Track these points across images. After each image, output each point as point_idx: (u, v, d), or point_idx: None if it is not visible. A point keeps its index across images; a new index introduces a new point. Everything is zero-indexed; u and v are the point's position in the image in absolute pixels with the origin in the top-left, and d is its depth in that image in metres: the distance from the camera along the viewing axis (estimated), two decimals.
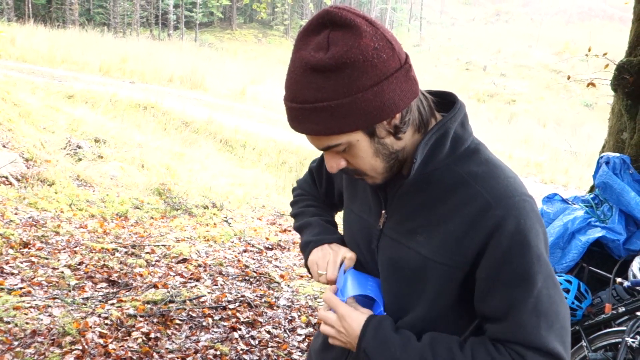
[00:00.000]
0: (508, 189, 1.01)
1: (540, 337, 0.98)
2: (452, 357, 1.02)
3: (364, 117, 0.94)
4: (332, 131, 0.95)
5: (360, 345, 1.08)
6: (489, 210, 0.99)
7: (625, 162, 3.17)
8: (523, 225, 0.99)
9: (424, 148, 1.03)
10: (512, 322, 0.99)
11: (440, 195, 1.05)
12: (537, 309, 0.98)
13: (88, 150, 7.20)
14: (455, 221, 1.02)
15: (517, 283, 0.98)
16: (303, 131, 0.98)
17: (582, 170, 14.64)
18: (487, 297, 1.02)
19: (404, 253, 1.09)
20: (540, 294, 0.99)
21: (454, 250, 1.02)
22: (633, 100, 3.35)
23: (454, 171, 1.05)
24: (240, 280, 4.63)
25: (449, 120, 1.05)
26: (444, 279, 1.05)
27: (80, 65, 15.95)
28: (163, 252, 4.91)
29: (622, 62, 3.46)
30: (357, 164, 1.04)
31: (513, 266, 0.98)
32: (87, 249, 4.62)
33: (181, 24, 44.50)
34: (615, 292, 2.94)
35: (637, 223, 3.04)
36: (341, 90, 0.91)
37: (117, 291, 4.03)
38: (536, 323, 0.98)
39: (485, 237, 0.99)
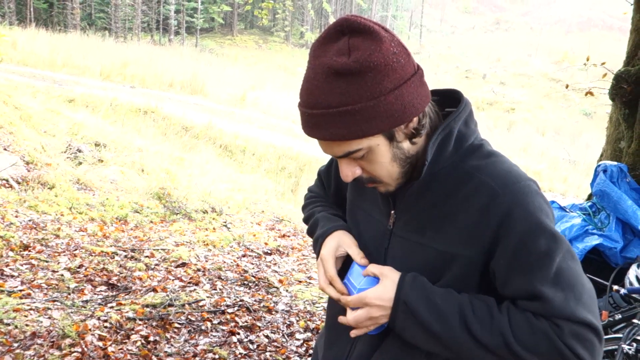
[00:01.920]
0: (511, 175, 1.04)
1: (570, 309, 0.99)
2: (490, 313, 1.02)
3: (387, 120, 0.96)
4: (357, 135, 0.96)
5: (400, 297, 1.06)
6: (497, 198, 1.02)
7: (623, 171, 3.20)
8: (532, 208, 1.01)
9: (432, 149, 1.05)
10: (540, 300, 1.00)
11: (447, 192, 1.07)
12: (561, 282, 1.00)
13: (88, 154, 7.22)
14: (465, 212, 1.04)
15: (536, 264, 1.00)
16: (326, 137, 0.98)
17: (580, 178, 14.68)
18: (509, 282, 1.03)
19: (415, 250, 1.11)
20: (561, 269, 1.00)
21: (466, 240, 1.04)
22: (631, 109, 3.38)
23: (459, 167, 1.08)
24: (239, 284, 4.65)
25: (452, 121, 1.08)
26: (460, 270, 1.06)
27: (81, 70, 16.00)
28: (162, 256, 4.93)
29: (620, 71, 3.49)
30: (374, 170, 1.05)
31: (529, 249, 1.00)
32: (87, 252, 4.63)
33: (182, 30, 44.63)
34: (612, 300, 2.95)
35: (634, 231, 3.07)
36: (365, 93, 0.93)
37: (117, 294, 4.04)
38: (562, 297, 0.99)
39: (497, 225, 1.01)
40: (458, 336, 1.02)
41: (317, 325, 4.08)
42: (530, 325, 1.00)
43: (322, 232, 1.28)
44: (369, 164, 1.04)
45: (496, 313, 1.03)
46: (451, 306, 1.03)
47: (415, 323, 1.05)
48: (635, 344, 2.59)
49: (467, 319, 1.02)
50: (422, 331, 1.05)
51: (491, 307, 1.04)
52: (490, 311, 1.03)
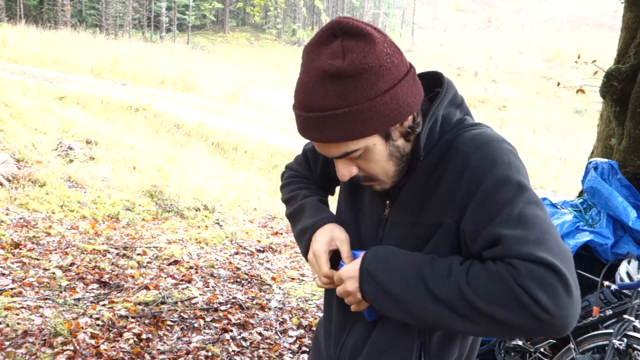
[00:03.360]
0: (482, 136, 1.06)
1: (528, 248, 0.93)
2: (450, 268, 1.00)
3: (383, 120, 0.98)
4: (354, 136, 0.98)
5: (363, 266, 1.09)
6: (467, 159, 1.03)
7: (614, 168, 3.22)
8: (499, 163, 1.01)
9: (422, 141, 1.08)
10: (500, 241, 0.96)
11: (431, 168, 1.10)
12: (522, 224, 0.95)
13: (79, 152, 7.18)
14: (444, 180, 1.07)
15: (498, 211, 0.97)
16: (323, 139, 0.99)
17: (571, 175, 14.77)
18: (476, 238, 1.00)
19: (408, 230, 1.13)
20: (524, 213, 0.96)
21: (447, 206, 1.06)
22: (621, 107, 3.40)
23: (444, 142, 1.10)
24: (231, 282, 4.64)
25: (436, 109, 1.10)
26: (445, 238, 1.08)
27: (72, 67, 15.90)
28: (155, 253, 4.91)
29: (610, 69, 3.51)
30: (370, 169, 1.07)
31: (494, 199, 0.98)
32: (79, 250, 4.61)
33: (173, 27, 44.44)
34: (603, 295, 2.98)
35: (624, 227, 3.09)
36: (360, 95, 0.94)
37: (109, 292, 4.02)
38: (521, 235, 0.94)
39: (466, 184, 1.02)
40: (419, 295, 1.00)
41: (310, 322, 4.08)
42: (487, 272, 0.95)
43: (312, 223, 1.27)
44: (366, 163, 1.06)
45: (455, 266, 1.00)
46: (412, 266, 1.03)
47: (380, 290, 1.05)
48: (626, 339, 2.62)
49: (426, 276, 1.00)
50: (388, 298, 1.04)
51: (452, 263, 1.01)
52: (450, 266, 1.00)
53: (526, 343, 3.26)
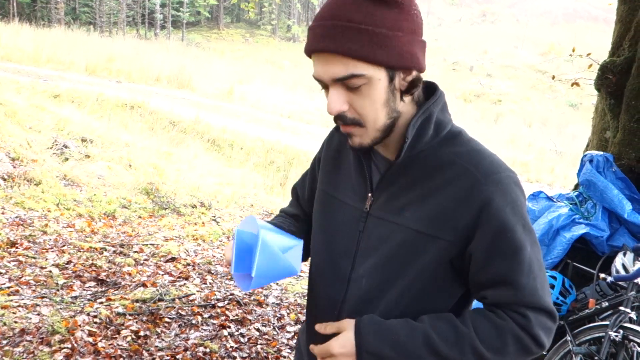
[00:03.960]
0: (494, 165, 1.08)
1: (539, 297, 1.07)
2: (455, 330, 1.06)
3: (397, 57, 1.00)
4: (367, 56, 0.98)
5: (361, 347, 1.08)
6: (479, 186, 1.05)
7: (609, 160, 3.23)
8: (511, 199, 1.06)
9: (412, 129, 1.07)
10: (511, 287, 1.06)
11: (426, 174, 1.10)
12: (532, 272, 1.06)
13: (75, 150, 7.16)
14: (445, 196, 1.07)
15: (512, 252, 1.05)
16: (337, 48, 0.98)
17: (567, 169, 14.81)
18: (485, 267, 1.06)
19: (391, 229, 1.11)
20: (532, 258, 1.06)
21: (444, 223, 1.06)
22: (616, 100, 3.41)
23: (439, 152, 1.10)
24: (229, 278, 4.64)
25: (432, 105, 1.11)
26: (432, 251, 1.08)
27: (66, 65, 15.83)
28: (151, 251, 4.91)
29: (605, 62, 3.52)
30: (363, 107, 1.04)
31: (507, 238, 1.04)
32: (75, 248, 4.60)
33: (168, 24, 44.30)
34: (599, 288, 2.99)
35: (619, 220, 3.11)
36: (387, 22, 0.98)
37: (106, 290, 4.02)
38: (533, 285, 1.06)
39: (477, 211, 1.04)
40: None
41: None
42: (496, 329, 1.06)
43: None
44: (361, 99, 1.03)
45: (460, 328, 1.07)
46: (415, 338, 1.06)
47: None
48: (622, 330, 2.63)
49: (435, 346, 1.06)
50: None
51: (454, 324, 1.08)
52: (454, 329, 1.07)
53: None
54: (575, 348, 2.78)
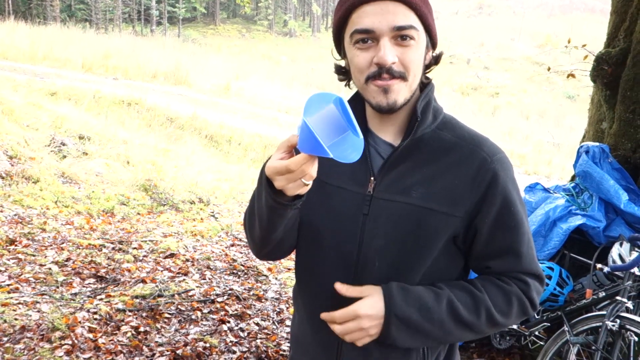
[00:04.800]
0: (494, 146, 1.18)
1: (535, 265, 1.20)
2: (472, 296, 1.15)
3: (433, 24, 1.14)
4: (424, 13, 1.10)
5: (391, 312, 1.09)
6: (487, 164, 1.14)
7: (605, 151, 3.25)
8: (510, 176, 1.17)
9: (419, 110, 1.15)
10: (515, 256, 1.17)
11: (431, 156, 1.16)
12: (529, 243, 1.19)
13: (72, 147, 7.16)
14: (454, 175, 1.14)
15: (514, 224, 1.16)
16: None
17: (564, 161, 14.82)
18: (491, 239, 1.15)
19: (401, 209, 1.14)
20: (528, 230, 1.19)
21: (455, 200, 1.13)
22: (612, 91, 3.42)
23: (440, 135, 1.18)
24: (228, 274, 4.66)
25: (430, 91, 1.19)
26: (442, 227, 1.13)
27: (62, 62, 15.79)
28: (150, 247, 4.92)
29: (600, 53, 3.53)
30: (410, 60, 1.10)
31: (511, 210, 1.15)
32: (74, 245, 4.61)
33: (164, 20, 44.15)
34: (596, 278, 3.01)
35: (616, 210, 3.12)
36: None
37: (105, 286, 4.03)
38: (531, 254, 1.19)
39: (485, 188, 1.13)
40: (452, 329, 1.14)
41: None
42: (504, 294, 1.16)
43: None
44: (409, 53, 1.09)
45: (476, 294, 1.15)
46: (441, 304, 1.12)
47: (409, 331, 1.11)
48: (619, 320, 2.65)
49: (458, 311, 1.12)
50: (417, 336, 1.13)
51: (471, 291, 1.16)
52: (471, 295, 1.15)
53: (521, 327, 3.30)
54: (573, 338, 2.80)
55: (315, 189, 1.21)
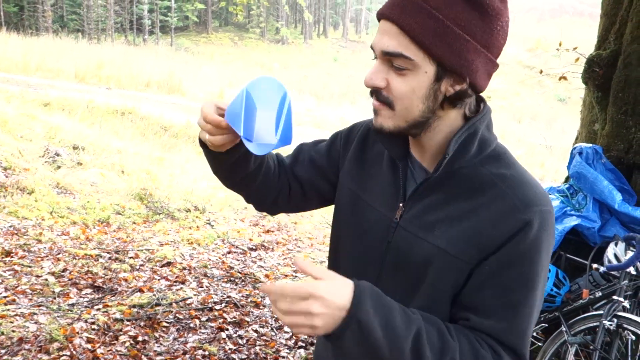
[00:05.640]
0: (537, 197, 1.01)
1: (523, 344, 1.01)
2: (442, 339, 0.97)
3: (453, 57, 0.95)
4: (424, 41, 0.93)
5: (354, 314, 0.89)
6: (516, 213, 0.99)
7: (598, 152, 3.28)
8: (546, 236, 1.00)
9: (455, 144, 1.01)
10: (505, 322, 0.99)
11: (464, 193, 1.04)
12: (529, 318, 1.00)
13: (67, 158, 7.14)
14: (479, 218, 1.01)
15: (520, 286, 0.99)
16: (399, 20, 0.94)
17: (557, 163, 14.91)
18: (482, 289, 1.01)
19: (419, 245, 1.06)
20: (535, 305, 1.01)
21: (473, 246, 1.01)
22: (603, 92, 3.45)
23: (480, 171, 1.04)
24: (225, 281, 4.66)
25: (478, 121, 1.05)
26: (455, 273, 1.03)
27: (55, 73, 15.77)
28: (147, 256, 4.91)
29: (591, 55, 3.56)
30: (399, 91, 0.98)
31: (522, 269, 0.99)
32: (70, 256, 4.60)
33: (156, 29, 44.20)
34: (592, 278, 3.03)
35: (610, 210, 3.15)
36: (462, 21, 0.93)
37: (103, 296, 4.02)
38: (524, 330, 1.00)
39: (507, 238, 0.98)
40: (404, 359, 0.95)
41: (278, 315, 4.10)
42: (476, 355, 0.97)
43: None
44: (400, 83, 0.98)
45: (447, 338, 0.97)
46: (409, 330, 0.94)
47: (363, 343, 0.92)
48: (616, 319, 2.67)
49: (421, 346, 0.94)
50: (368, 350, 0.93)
51: (443, 334, 0.98)
52: (441, 337, 0.97)
53: None
54: (571, 338, 2.82)
55: (349, 201, 1.21)
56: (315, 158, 1.31)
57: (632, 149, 3.23)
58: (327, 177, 1.29)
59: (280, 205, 1.33)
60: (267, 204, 1.33)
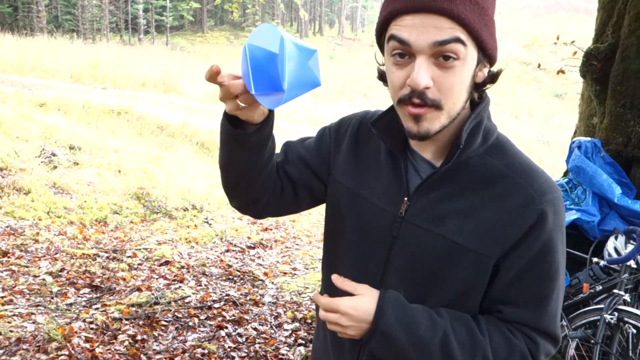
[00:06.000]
0: (549, 184, 1.03)
1: (554, 326, 1.06)
2: (471, 336, 1.02)
3: (492, 41, 0.97)
4: (473, 25, 0.91)
5: (378, 326, 1.00)
6: (534, 204, 1.00)
7: (597, 146, 3.27)
8: (560, 222, 1.03)
9: (465, 134, 1.00)
10: (537, 310, 1.03)
11: (473, 184, 1.03)
12: (558, 302, 1.05)
13: (63, 158, 7.11)
14: (495, 211, 1.01)
15: (548, 276, 1.03)
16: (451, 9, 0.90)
17: (555, 158, 14.91)
18: (516, 284, 1.03)
19: (431, 239, 1.04)
20: (561, 286, 1.05)
21: (493, 240, 1.01)
22: (601, 86, 3.44)
23: (488, 161, 1.04)
24: (224, 279, 4.64)
25: (482, 110, 1.05)
26: (473, 267, 1.03)
27: (51, 73, 15.71)
28: (145, 255, 4.89)
29: (589, 48, 3.56)
30: (447, 86, 0.94)
31: (547, 259, 1.02)
32: (68, 256, 4.58)
33: (151, 28, 44.10)
34: (592, 272, 3.03)
35: (610, 204, 3.14)
36: (490, 4, 0.97)
37: (101, 296, 4.00)
38: (555, 313, 1.05)
39: (528, 229, 1.00)
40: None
41: (305, 315, 4.10)
42: (509, 346, 1.03)
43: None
44: (450, 76, 0.93)
45: (477, 335, 1.02)
46: (434, 335, 1.01)
47: (391, 349, 1.02)
48: (617, 313, 2.66)
49: (450, 348, 1.00)
50: (398, 355, 1.03)
51: (473, 330, 1.03)
52: (472, 334, 1.02)
53: None
54: (572, 333, 2.81)
55: (346, 199, 1.18)
56: (305, 156, 1.25)
57: (631, 142, 3.23)
58: (318, 175, 1.25)
59: (271, 205, 1.26)
60: (261, 204, 1.25)
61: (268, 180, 1.21)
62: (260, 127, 1.08)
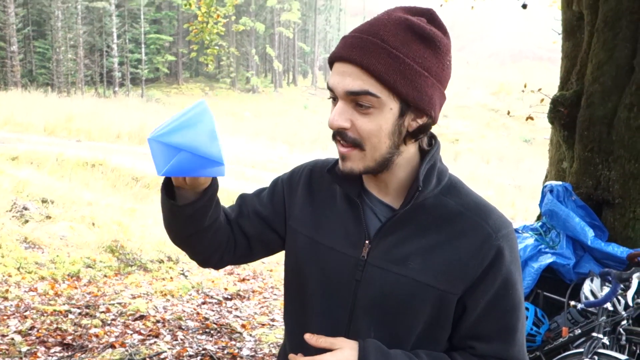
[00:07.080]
0: (502, 220, 1.09)
1: (523, 353, 1.11)
2: None
3: (416, 93, 0.98)
4: (388, 80, 0.95)
5: None
6: (491, 240, 1.05)
7: (568, 190, 3.34)
8: (515, 255, 1.09)
9: (421, 177, 1.05)
10: (507, 342, 1.09)
11: (433, 224, 1.07)
12: (523, 330, 1.11)
13: (35, 212, 6.98)
14: (455, 248, 1.05)
15: (512, 307, 1.08)
16: (362, 61, 0.95)
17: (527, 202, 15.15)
18: (484, 319, 1.08)
19: (395, 280, 1.07)
20: (524, 315, 1.12)
21: (455, 277, 1.05)
22: (569, 131, 3.55)
23: (444, 201, 1.09)
24: (200, 333, 4.53)
25: (435, 152, 1.10)
26: (438, 303, 1.07)
27: (24, 127, 15.60)
28: (119, 310, 4.76)
29: (556, 96, 3.68)
30: (366, 130, 1.00)
31: (510, 293, 1.07)
32: (38, 313, 4.43)
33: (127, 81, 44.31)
34: (570, 316, 3.04)
35: (584, 247, 3.19)
36: (419, 58, 0.97)
37: (72, 354, 3.86)
38: (522, 342, 1.11)
39: (487, 265, 1.05)
40: None
41: None
42: None
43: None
44: (366, 122, 0.99)
45: None
46: None
47: None
48: (597, 357, 2.66)
49: None
50: None
51: None
52: None
53: None
54: None
55: (306, 247, 1.19)
56: (260, 210, 1.27)
57: (600, 185, 3.31)
58: (273, 228, 1.27)
59: (226, 260, 1.29)
60: (214, 260, 1.27)
61: (215, 241, 1.23)
62: (197, 200, 1.13)
